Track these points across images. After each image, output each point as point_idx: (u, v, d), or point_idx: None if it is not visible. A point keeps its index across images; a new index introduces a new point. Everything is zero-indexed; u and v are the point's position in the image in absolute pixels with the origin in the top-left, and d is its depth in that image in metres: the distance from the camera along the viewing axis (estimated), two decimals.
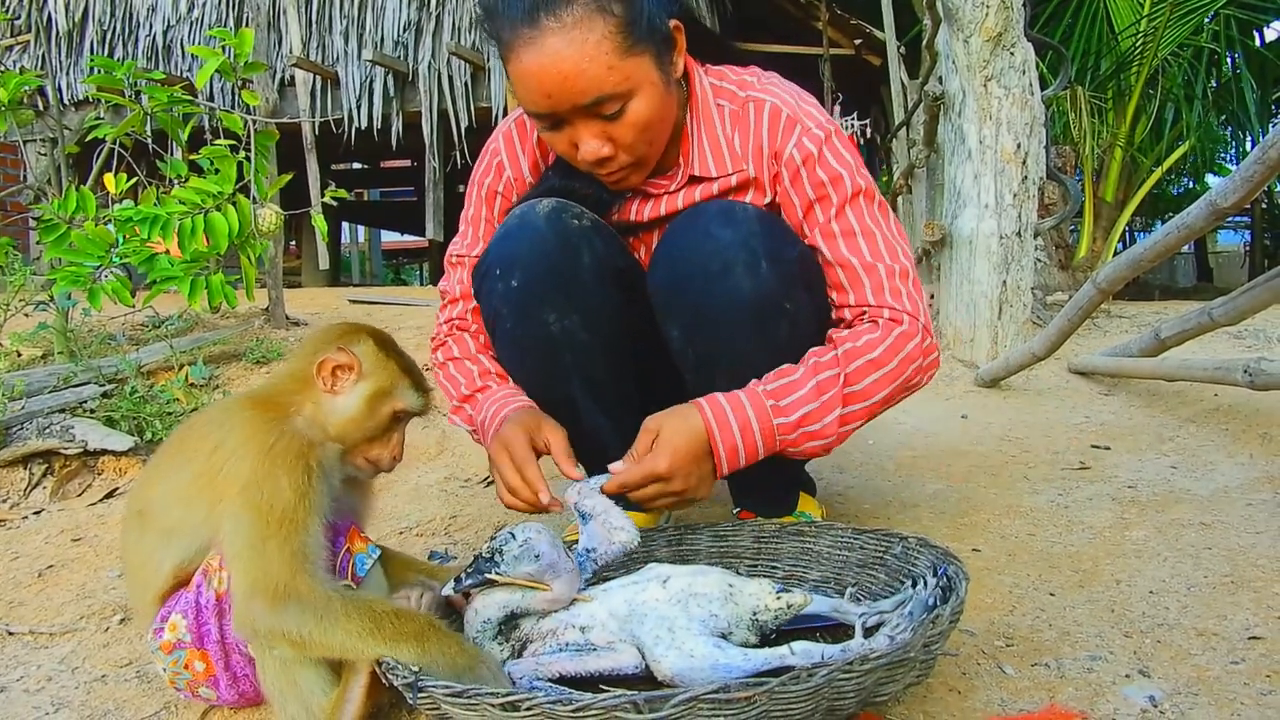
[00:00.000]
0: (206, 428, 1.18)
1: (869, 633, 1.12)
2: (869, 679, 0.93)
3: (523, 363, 1.53)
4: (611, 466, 1.32)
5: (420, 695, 0.97)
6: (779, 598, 1.15)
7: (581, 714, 0.88)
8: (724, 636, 1.11)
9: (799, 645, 1.06)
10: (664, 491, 1.30)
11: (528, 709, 0.89)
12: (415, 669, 0.99)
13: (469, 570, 1.13)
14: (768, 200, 1.49)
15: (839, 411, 1.36)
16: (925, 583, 1.13)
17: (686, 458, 1.30)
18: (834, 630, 1.23)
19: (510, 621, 1.15)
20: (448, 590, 1.15)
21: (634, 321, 1.53)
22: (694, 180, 1.51)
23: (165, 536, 1.16)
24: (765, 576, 1.37)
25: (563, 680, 1.09)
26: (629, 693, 0.89)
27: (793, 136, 1.45)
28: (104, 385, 2.77)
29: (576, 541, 1.31)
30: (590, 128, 1.34)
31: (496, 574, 1.12)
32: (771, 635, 1.17)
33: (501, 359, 1.56)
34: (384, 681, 1.04)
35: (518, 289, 1.45)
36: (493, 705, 0.91)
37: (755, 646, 1.12)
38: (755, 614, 1.14)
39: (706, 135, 1.49)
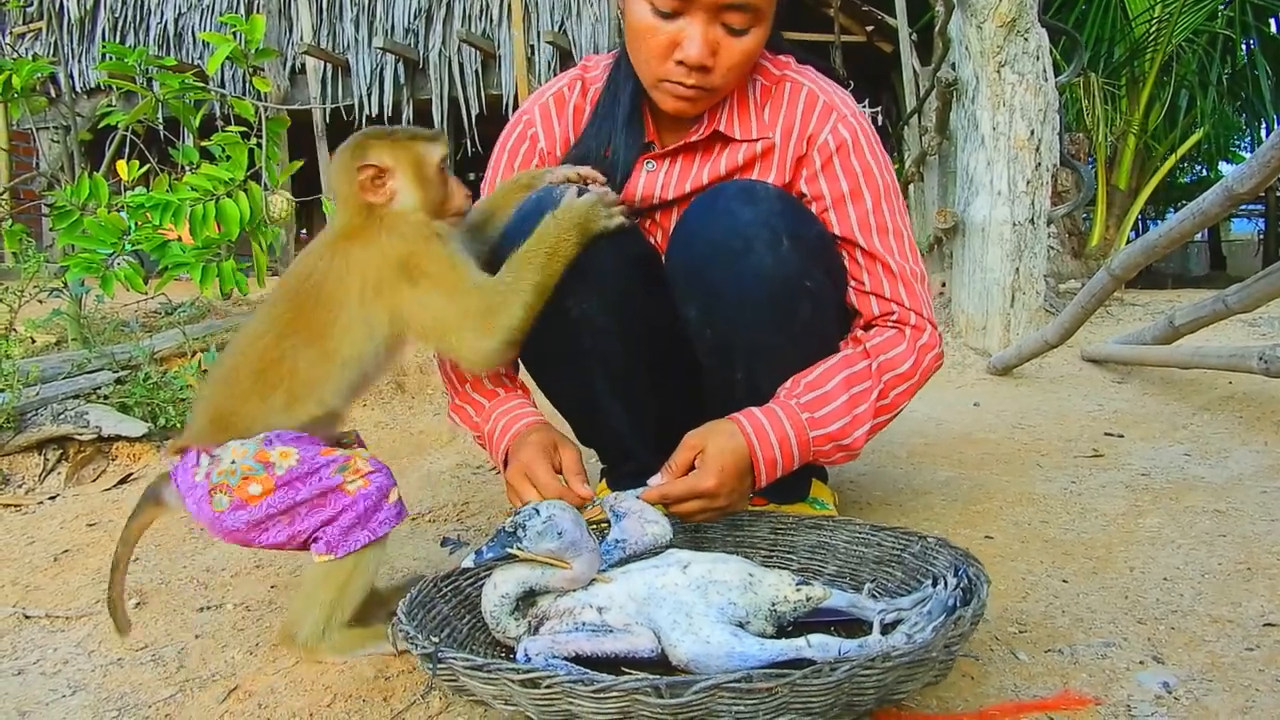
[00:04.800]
0: (337, 282, 1.26)
1: (886, 629, 1.11)
2: (890, 676, 0.93)
3: (540, 347, 1.51)
4: (650, 480, 1.34)
5: (439, 667, 0.96)
6: (798, 590, 1.14)
7: (602, 695, 0.87)
8: (741, 625, 1.10)
9: (815, 638, 1.05)
10: (707, 507, 1.33)
11: (548, 686, 0.88)
12: (435, 640, 1.00)
13: (490, 542, 1.13)
14: (785, 181, 1.49)
15: (870, 424, 1.41)
16: (945, 583, 1.12)
17: (733, 476, 1.32)
18: (848, 625, 1.22)
19: (528, 598, 1.15)
20: (468, 562, 1.15)
21: (650, 309, 1.52)
22: (718, 138, 1.50)
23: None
24: (781, 568, 1.37)
25: (578, 659, 1.08)
26: (650, 676, 0.88)
27: (828, 122, 1.47)
28: (117, 372, 2.77)
29: (599, 522, 1.31)
30: (709, 32, 1.35)
31: (518, 549, 1.12)
32: (788, 627, 1.17)
33: None
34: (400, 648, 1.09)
35: None
36: (512, 680, 0.90)
37: (771, 637, 1.11)
38: (774, 605, 1.13)
39: (738, 100, 1.50)
